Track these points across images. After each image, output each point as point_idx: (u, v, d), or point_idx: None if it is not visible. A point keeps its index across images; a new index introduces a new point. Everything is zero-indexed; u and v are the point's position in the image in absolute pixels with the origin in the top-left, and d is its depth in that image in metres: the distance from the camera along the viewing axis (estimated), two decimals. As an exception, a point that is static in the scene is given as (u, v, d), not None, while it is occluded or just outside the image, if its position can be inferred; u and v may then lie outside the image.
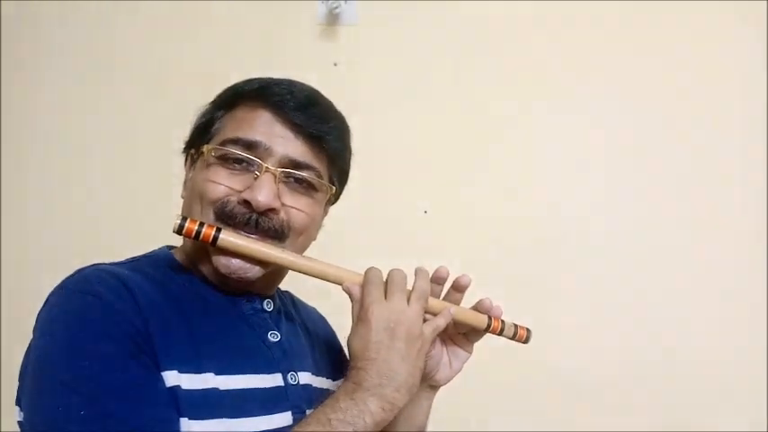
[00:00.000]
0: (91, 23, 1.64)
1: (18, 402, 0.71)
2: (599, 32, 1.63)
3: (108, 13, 1.64)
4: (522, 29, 1.63)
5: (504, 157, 1.60)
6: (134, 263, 0.78)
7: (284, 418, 0.74)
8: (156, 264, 0.79)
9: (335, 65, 1.62)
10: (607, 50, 1.62)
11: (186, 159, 0.86)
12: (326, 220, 0.91)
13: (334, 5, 1.58)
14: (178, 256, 0.83)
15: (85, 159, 1.60)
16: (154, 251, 0.83)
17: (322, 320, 1.00)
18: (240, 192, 0.75)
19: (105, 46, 1.63)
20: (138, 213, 1.54)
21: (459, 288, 0.83)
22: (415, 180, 1.59)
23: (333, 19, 1.61)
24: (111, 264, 0.76)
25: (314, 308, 1.00)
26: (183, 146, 0.86)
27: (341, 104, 0.90)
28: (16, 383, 0.72)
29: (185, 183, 0.85)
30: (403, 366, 0.70)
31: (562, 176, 1.59)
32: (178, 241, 0.87)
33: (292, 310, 0.92)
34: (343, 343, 0.99)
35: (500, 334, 0.84)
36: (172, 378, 0.67)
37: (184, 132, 0.88)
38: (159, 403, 0.65)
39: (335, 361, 0.93)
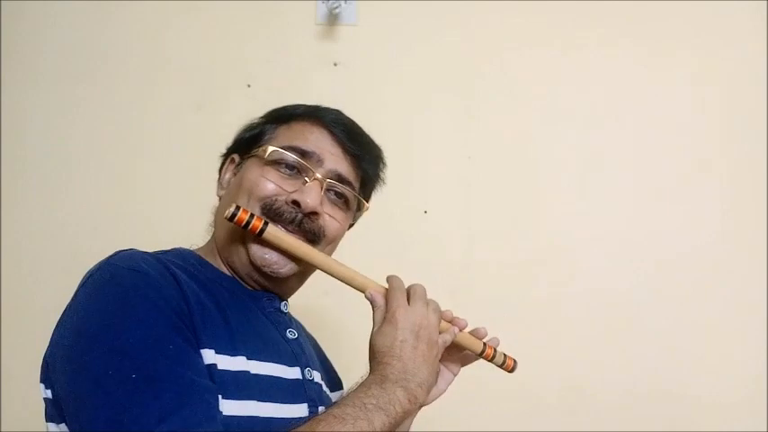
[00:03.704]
0: (90, 23, 1.64)
1: (43, 380, 0.72)
2: (600, 32, 1.63)
3: (107, 14, 1.63)
4: (523, 28, 1.64)
5: (504, 157, 1.60)
6: (160, 254, 0.81)
7: (301, 410, 0.78)
8: (181, 257, 0.83)
9: (335, 65, 1.62)
10: (608, 51, 1.62)
11: (224, 163, 0.93)
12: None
13: (334, 5, 1.58)
14: (200, 254, 0.87)
15: (86, 159, 1.60)
16: (174, 248, 0.86)
17: (313, 338, 1.04)
18: (290, 193, 0.82)
19: (105, 46, 1.63)
20: (138, 214, 1.54)
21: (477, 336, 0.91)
22: (415, 180, 1.59)
23: (332, 19, 1.61)
24: (142, 251, 0.79)
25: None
26: (225, 151, 0.94)
27: (341, 104, 0.92)
28: (16, 383, 0.71)
29: (220, 184, 0.92)
30: (424, 366, 0.76)
31: (564, 176, 1.59)
32: (179, 243, 0.88)
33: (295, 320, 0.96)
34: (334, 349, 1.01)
35: (491, 360, 0.91)
36: (209, 357, 0.70)
37: (185, 133, 0.88)
38: (203, 373, 0.68)
39: (329, 375, 0.98)
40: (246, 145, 0.90)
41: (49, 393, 0.71)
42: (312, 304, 1.03)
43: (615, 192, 1.59)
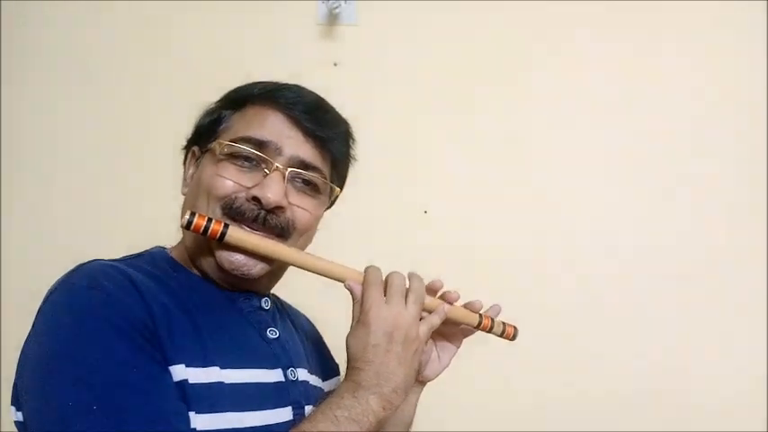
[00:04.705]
0: (90, 23, 1.64)
1: (14, 402, 0.70)
2: (600, 33, 1.63)
3: (108, 14, 1.63)
4: (523, 28, 1.63)
5: (504, 156, 1.60)
6: (131, 260, 0.78)
7: (285, 414, 0.75)
8: (153, 261, 0.79)
9: (335, 65, 1.62)
10: (609, 52, 1.62)
11: (186, 157, 0.87)
12: (327, 219, 0.91)
13: (334, 5, 1.58)
14: (174, 255, 0.83)
15: (86, 159, 1.60)
16: (148, 250, 0.84)
17: (309, 322, 1.01)
18: (249, 188, 0.77)
19: (105, 46, 1.63)
20: (140, 213, 1.54)
21: (448, 301, 0.85)
22: (415, 180, 1.59)
23: (333, 19, 1.61)
24: (109, 260, 0.76)
25: (299, 310, 1.01)
26: (185, 143, 0.87)
27: (341, 104, 0.91)
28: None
29: (185, 179, 0.86)
30: (399, 369, 0.72)
31: (563, 176, 1.59)
32: (168, 242, 0.87)
33: (283, 310, 0.93)
34: (330, 345, 1.01)
35: (489, 331, 0.87)
36: (179, 372, 0.67)
37: (184, 133, 0.88)
38: (170, 397, 0.65)
39: (324, 362, 0.95)
40: (204, 134, 0.83)
41: (20, 416, 0.69)
42: (305, 304, 1.02)
43: (617, 193, 1.59)
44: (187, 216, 0.74)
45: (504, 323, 0.88)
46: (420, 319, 0.77)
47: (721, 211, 1.57)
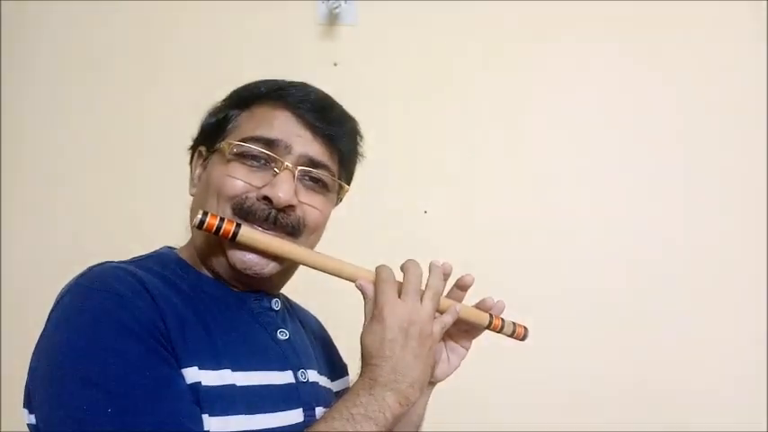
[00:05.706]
0: (90, 23, 1.64)
1: (26, 405, 0.70)
2: (599, 32, 1.63)
3: (107, 14, 1.63)
4: (522, 28, 1.64)
5: (503, 157, 1.60)
6: (141, 261, 0.78)
7: (296, 416, 0.75)
8: (162, 262, 0.79)
9: (335, 65, 1.62)
10: (608, 51, 1.62)
11: (193, 157, 0.87)
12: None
13: (334, 5, 1.58)
14: (183, 256, 0.83)
15: (86, 159, 1.60)
16: (156, 251, 0.83)
17: (317, 322, 1.01)
18: (259, 188, 0.77)
19: (105, 46, 1.63)
20: (138, 213, 1.54)
21: (462, 287, 0.86)
22: (415, 180, 1.59)
23: (333, 19, 1.61)
24: (119, 262, 0.76)
25: (307, 311, 1.01)
26: (192, 143, 0.87)
27: (341, 104, 0.91)
28: (16, 384, 0.71)
29: (192, 180, 0.85)
30: (416, 364, 0.72)
31: (563, 176, 1.59)
32: (176, 242, 0.87)
33: (292, 310, 0.93)
34: (339, 345, 1.01)
35: (500, 331, 0.87)
36: (192, 374, 0.68)
37: (184, 133, 0.88)
38: (183, 399, 0.65)
39: (332, 362, 0.95)
40: (211, 134, 0.83)
41: (32, 419, 0.69)
42: (310, 304, 1.02)
43: (616, 192, 1.59)
44: (199, 216, 0.74)
45: (514, 323, 0.88)
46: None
47: (722, 210, 1.57)
